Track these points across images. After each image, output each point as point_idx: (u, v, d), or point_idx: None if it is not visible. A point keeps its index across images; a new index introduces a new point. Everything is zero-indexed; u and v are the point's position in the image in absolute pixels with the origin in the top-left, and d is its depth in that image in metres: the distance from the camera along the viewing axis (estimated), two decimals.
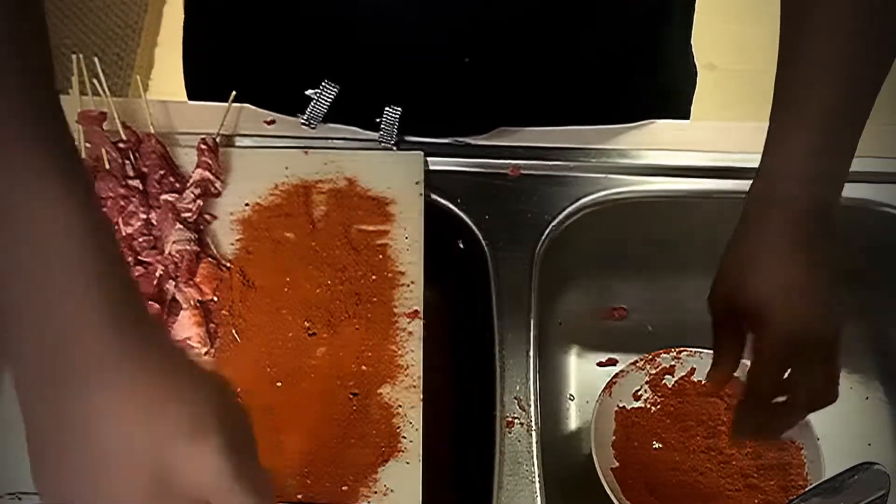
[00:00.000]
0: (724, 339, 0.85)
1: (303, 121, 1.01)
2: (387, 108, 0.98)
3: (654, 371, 0.97)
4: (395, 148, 1.00)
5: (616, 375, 0.96)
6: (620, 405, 0.96)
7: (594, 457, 0.90)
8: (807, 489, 0.83)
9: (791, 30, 0.79)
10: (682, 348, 0.98)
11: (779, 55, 0.79)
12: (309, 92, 1.00)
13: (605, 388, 0.95)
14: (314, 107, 1.00)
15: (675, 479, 0.92)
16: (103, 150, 0.92)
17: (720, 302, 0.84)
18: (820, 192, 0.78)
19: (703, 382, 0.97)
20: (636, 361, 0.97)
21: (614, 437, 0.94)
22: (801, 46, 0.78)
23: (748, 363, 0.94)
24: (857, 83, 0.77)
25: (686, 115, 1.16)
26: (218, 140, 0.97)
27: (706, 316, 0.89)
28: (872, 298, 1.06)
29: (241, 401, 0.56)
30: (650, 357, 0.97)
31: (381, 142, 1.00)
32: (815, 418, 0.92)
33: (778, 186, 0.79)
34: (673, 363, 0.97)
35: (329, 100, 0.99)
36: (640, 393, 0.97)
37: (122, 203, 0.91)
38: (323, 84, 0.99)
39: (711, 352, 0.97)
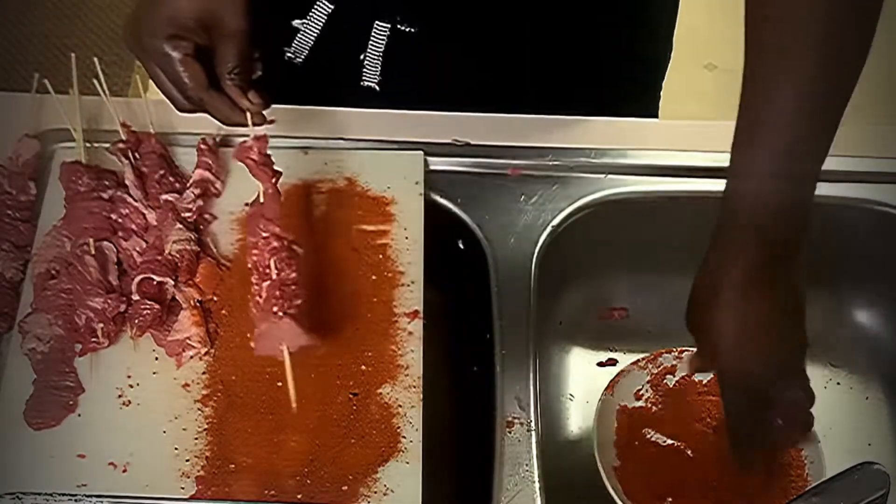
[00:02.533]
0: (701, 351, 0.87)
1: (289, 54, 1.01)
2: (377, 23, 0.99)
3: (655, 370, 0.97)
4: (377, 87, 1.00)
5: (618, 375, 0.96)
6: (622, 404, 0.96)
7: (596, 456, 0.90)
8: (807, 489, 0.83)
9: (756, 27, 0.77)
10: (683, 348, 0.98)
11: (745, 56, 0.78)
12: (296, 23, 1.00)
13: (607, 387, 0.95)
14: (301, 37, 1.01)
15: (677, 478, 0.92)
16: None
17: (693, 326, 0.84)
18: (788, 216, 0.77)
19: (704, 382, 0.97)
20: (637, 361, 0.97)
21: (616, 437, 0.94)
22: (766, 41, 0.76)
23: None
24: (828, 82, 0.75)
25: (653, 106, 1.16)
26: (218, 140, 0.97)
27: None
28: (872, 298, 1.06)
29: None
30: (651, 357, 0.97)
31: (364, 75, 1.01)
32: (815, 418, 0.92)
33: (746, 210, 0.77)
34: (674, 363, 0.97)
35: (317, 28, 1.00)
36: (641, 392, 0.97)
37: (120, 203, 0.91)
38: (311, 12, 1.00)
39: None
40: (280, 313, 0.80)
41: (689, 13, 1.16)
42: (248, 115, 0.87)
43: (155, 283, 0.87)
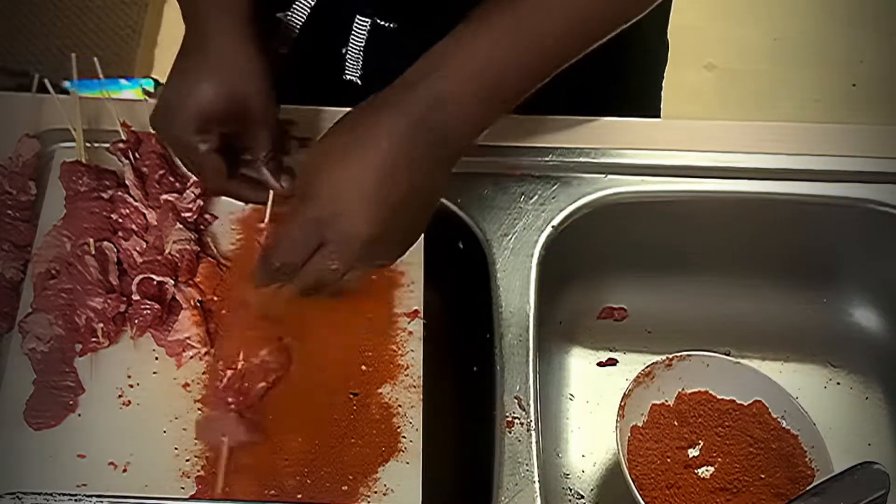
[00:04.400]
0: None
1: (273, 45, 1.01)
2: (358, 17, 0.99)
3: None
4: (359, 81, 0.99)
5: (647, 370, 0.94)
6: (649, 401, 0.95)
7: (619, 446, 0.89)
8: (807, 489, 0.83)
9: None
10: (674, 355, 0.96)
11: None
12: (279, 15, 1.00)
13: (635, 378, 0.93)
14: (283, 30, 1.01)
15: (688, 478, 0.92)
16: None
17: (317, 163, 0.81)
18: (468, 111, 0.78)
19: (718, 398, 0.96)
20: (666, 360, 0.95)
21: (630, 435, 0.94)
22: None
23: (713, 355, 0.93)
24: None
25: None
26: None
27: (707, 315, 0.88)
28: (872, 298, 1.06)
29: None
30: (681, 356, 0.95)
31: (346, 69, 1.01)
32: (815, 417, 0.92)
33: (430, 84, 0.77)
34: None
35: (300, 20, 1.00)
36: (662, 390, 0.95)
37: (120, 203, 0.91)
38: (294, 5, 0.99)
39: (728, 358, 0.96)
40: (232, 406, 0.82)
41: (689, 13, 1.16)
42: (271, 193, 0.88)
43: (155, 283, 0.87)
